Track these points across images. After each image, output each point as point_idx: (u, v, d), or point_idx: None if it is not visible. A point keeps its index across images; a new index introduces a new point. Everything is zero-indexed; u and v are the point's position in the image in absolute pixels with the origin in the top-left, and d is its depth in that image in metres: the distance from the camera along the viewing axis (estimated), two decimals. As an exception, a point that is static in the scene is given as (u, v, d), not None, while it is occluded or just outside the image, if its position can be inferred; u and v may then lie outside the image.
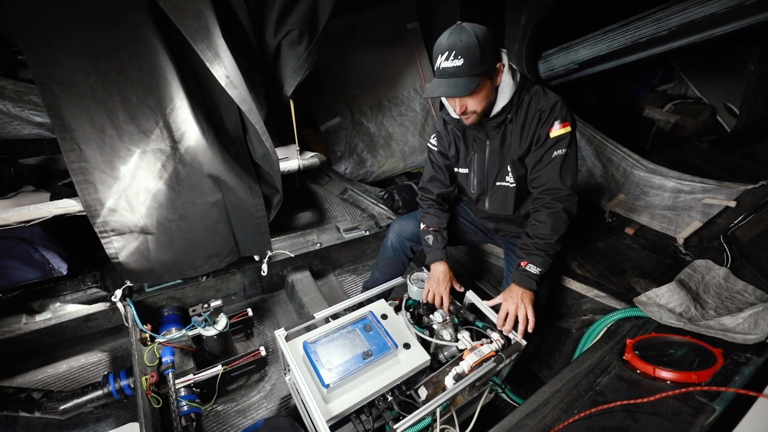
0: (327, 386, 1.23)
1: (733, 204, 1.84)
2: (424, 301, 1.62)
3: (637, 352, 1.25)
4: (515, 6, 2.43)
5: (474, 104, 1.38)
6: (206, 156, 1.61)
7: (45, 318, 1.71)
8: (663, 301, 1.50)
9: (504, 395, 1.55)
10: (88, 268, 1.92)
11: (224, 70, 1.43)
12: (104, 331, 1.86)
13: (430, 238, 1.69)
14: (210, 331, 1.69)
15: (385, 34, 2.87)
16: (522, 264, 1.47)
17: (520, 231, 1.74)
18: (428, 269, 1.68)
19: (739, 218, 1.79)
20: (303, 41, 1.70)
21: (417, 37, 3.00)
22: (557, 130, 1.42)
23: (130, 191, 1.56)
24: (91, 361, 1.87)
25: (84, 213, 1.53)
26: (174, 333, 1.76)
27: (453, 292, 1.63)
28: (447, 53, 1.28)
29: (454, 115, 1.53)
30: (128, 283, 1.76)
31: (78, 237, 1.84)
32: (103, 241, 1.59)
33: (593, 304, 1.72)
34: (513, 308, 1.43)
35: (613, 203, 2.18)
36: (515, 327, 1.44)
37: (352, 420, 1.31)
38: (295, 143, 2.12)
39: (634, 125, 3.44)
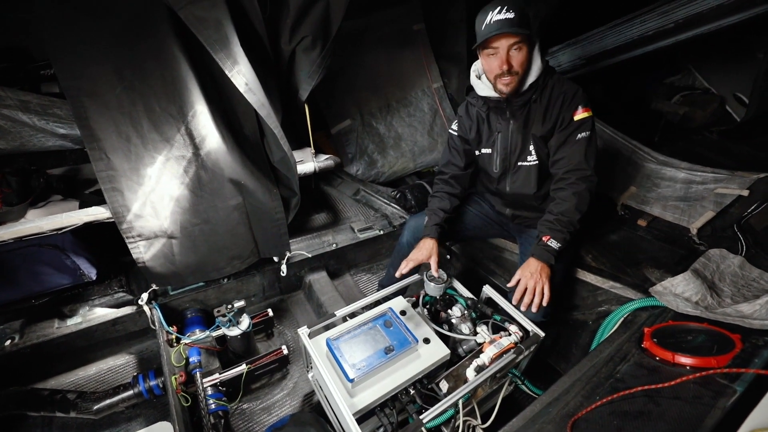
0: (352, 381, 1.26)
1: (746, 193, 1.84)
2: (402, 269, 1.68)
3: (655, 339, 1.27)
4: (521, 4, 2.45)
5: (518, 63, 1.46)
6: (227, 161, 1.66)
7: (76, 322, 1.77)
8: (679, 291, 1.52)
9: (524, 387, 1.58)
10: (114, 273, 1.98)
11: (243, 77, 1.48)
12: (131, 334, 1.92)
13: (425, 219, 1.79)
14: (234, 331, 1.74)
15: (392, 37, 2.92)
16: (544, 239, 1.53)
17: (537, 216, 1.78)
18: None
19: (753, 207, 1.79)
20: (317, 47, 1.75)
21: (423, 38, 3.04)
22: (581, 114, 1.51)
23: (155, 197, 1.62)
24: (119, 363, 1.93)
25: (112, 219, 1.59)
26: (198, 334, 1.81)
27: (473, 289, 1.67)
28: (499, 7, 1.37)
29: (483, 93, 1.61)
30: (154, 287, 1.81)
31: (103, 243, 1.91)
32: (129, 245, 1.66)
33: (609, 296, 1.74)
34: (532, 283, 1.47)
35: (624, 196, 2.19)
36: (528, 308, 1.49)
37: (377, 413, 1.34)
38: (309, 146, 2.17)
39: (642, 118, 3.43)
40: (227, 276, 1.99)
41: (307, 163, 2.10)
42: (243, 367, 1.69)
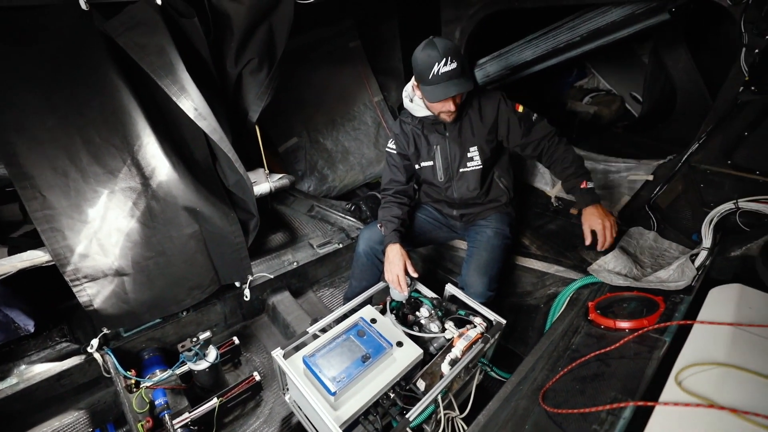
0: (334, 394, 1.28)
1: (650, 177, 2.15)
2: (389, 284, 1.74)
3: (598, 311, 1.46)
4: (449, 22, 2.67)
5: (460, 100, 1.63)
6: (179, 189, 1.60)
7: (11, 384, 1.56)
8: (611, 267, 1.75)
9: (492, 373, 1.70)
10: (53, 321, 1.79)
11: (192, 102, 1.46)
12: (79, 387, 1.73)
13: (382, 229, 1.85)
14: (201, 365, 1.66)
15: (331, 54, 2.99)
16: (582, 185, 1.70)
17: (482, 210, 1.98)
18: None
19: (657, 189, 2.11)
20: (263, 68, 1.76)
21: (360, 55, 3.15)
22: (520, 107, 1.74)
23: (101, 233, 1.51)
24: (67, 422, 1.73)
25: (52, 263, 1.45)
26: (159, 374, 1.70)
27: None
28: (444, 59, 1.46)
29: (419, 114, 1.77)
30: (105, 331, 1.67)
31: (38, 289, 1.72)
32: (75, 289, 1.52)
33: (555, 279, 1.94)
34: (601, 225, 1.63)
35: (556, 189, 2.45)
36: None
37: (361, 422, 1.37)
38: (262, 167, 2.15)
39: (561, 118, 3.84)
40: (186, 308, 1.90)
41: (261, 183, 2.08)
42: (214, 401, 1.62)
